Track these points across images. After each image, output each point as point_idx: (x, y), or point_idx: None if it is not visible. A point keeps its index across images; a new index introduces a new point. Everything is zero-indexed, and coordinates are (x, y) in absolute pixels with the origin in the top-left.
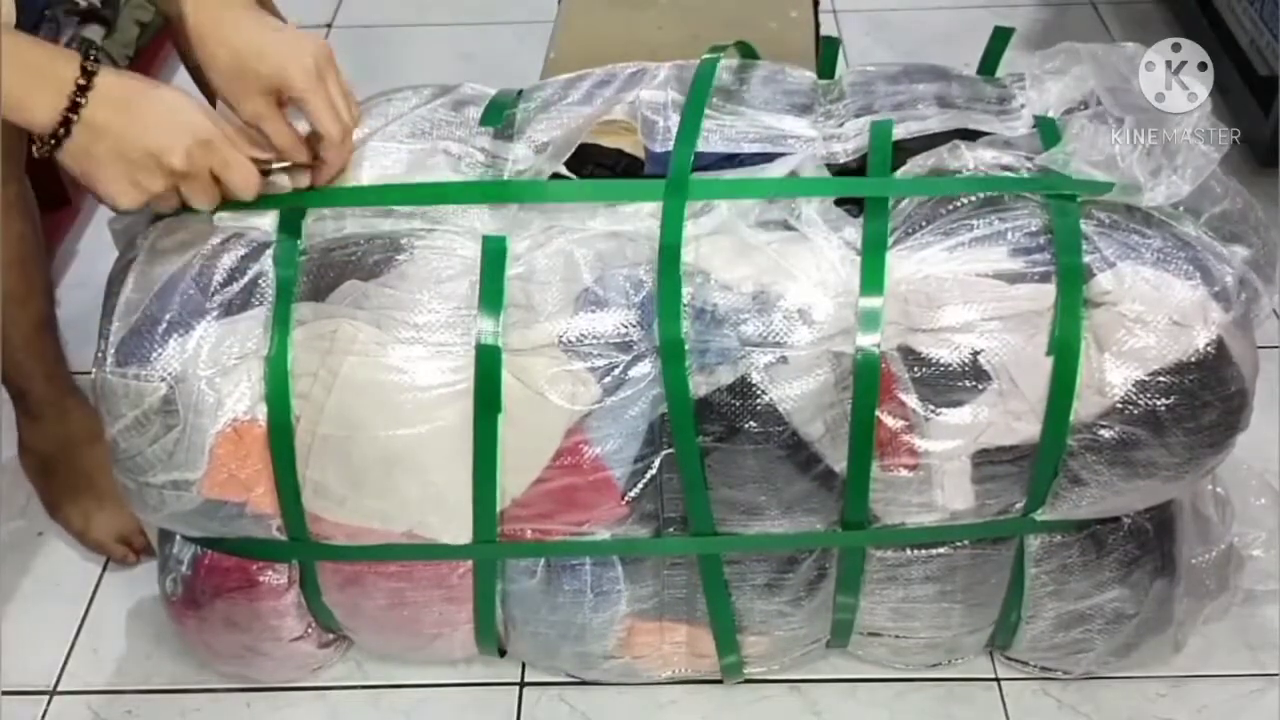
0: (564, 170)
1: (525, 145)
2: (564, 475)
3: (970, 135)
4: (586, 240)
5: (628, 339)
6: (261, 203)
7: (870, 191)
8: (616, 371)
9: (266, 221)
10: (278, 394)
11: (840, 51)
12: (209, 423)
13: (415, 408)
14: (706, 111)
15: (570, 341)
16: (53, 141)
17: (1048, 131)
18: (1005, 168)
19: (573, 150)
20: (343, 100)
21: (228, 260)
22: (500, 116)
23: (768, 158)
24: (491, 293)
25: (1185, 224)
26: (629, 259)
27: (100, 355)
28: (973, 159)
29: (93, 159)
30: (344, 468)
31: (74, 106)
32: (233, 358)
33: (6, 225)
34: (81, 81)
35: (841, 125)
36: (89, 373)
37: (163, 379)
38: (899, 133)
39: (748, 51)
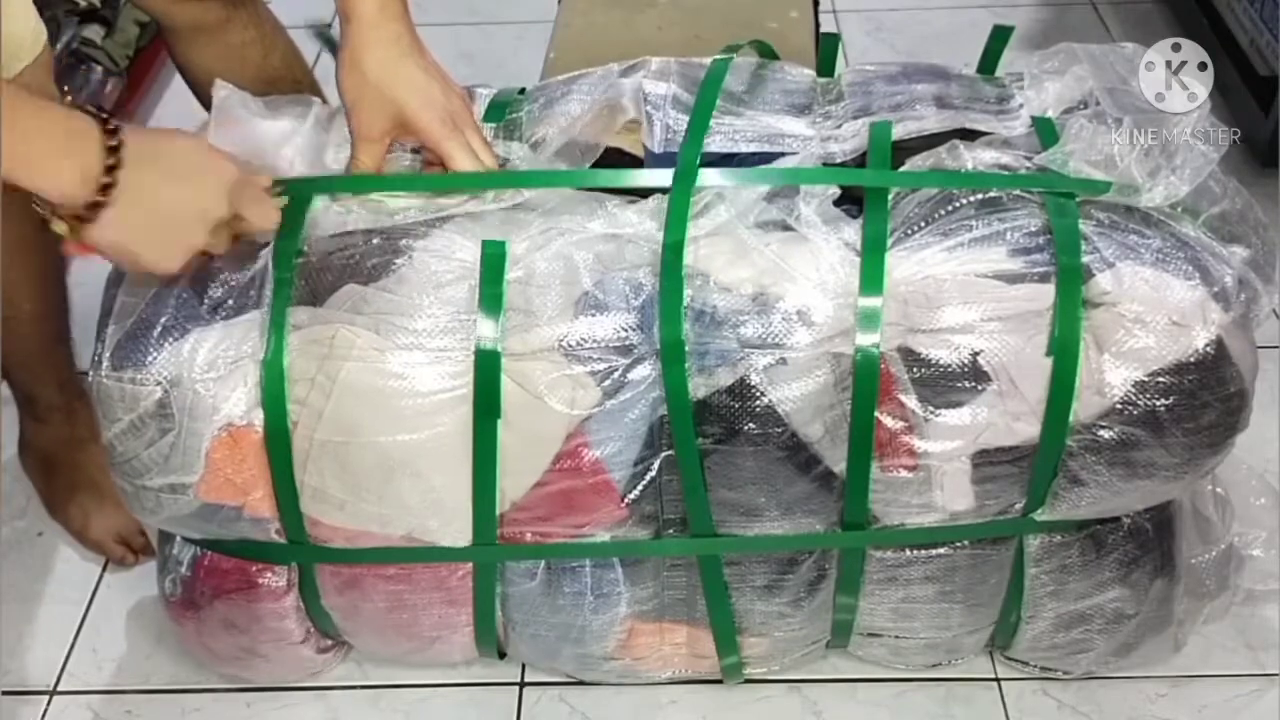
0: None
1: (527, 144)
2: (564, 478)
3: (969, 135)
4: (585, 243)
5: (627, 342)
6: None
7: (872, 182)
8: (616, 375)
9: None
10: (274, 399)
11: (840, 50)
12: (204, 427)
13: (415, 413)
14: None
15: (570, 346)
16: (87, 212)
17: (1045, 132)
18: (1004, 167)
19: (596, 155)
20: (484, 150)
21: (223, 262)
22: (502, 114)
23: (766, 158)
24: (491, 297)
25: (1184, 224)
26: (628, 262)
27: (96, 358)
28: (971, 159)
29: (132, 227)
30: (343, 473)
31: (110, 170)
32: (228, 362)
33: (36, 253)
34: (111, 143)
35: (839, 126)
36: (88, 373)
37: (157, 383)
38: (897, 133)
39: (766, 51)
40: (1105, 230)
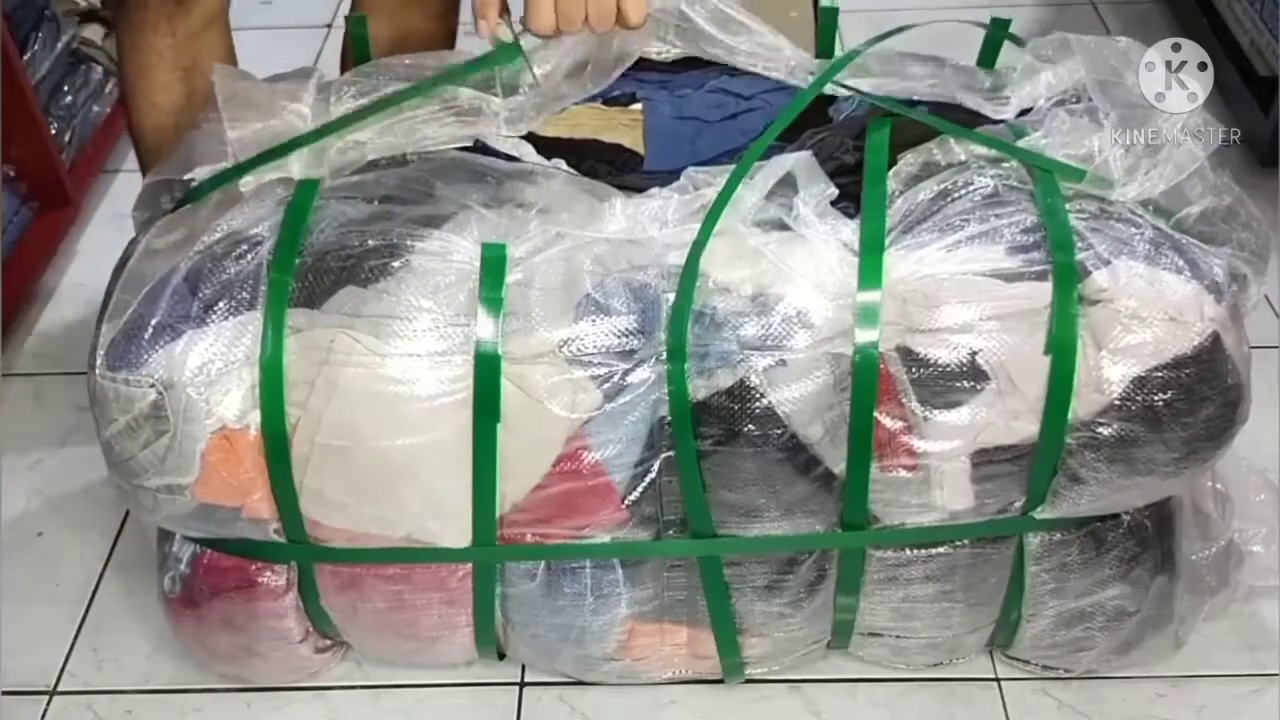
0: (564, 166)
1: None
2: (564, 481)
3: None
4: (586, 245)
5: (628, 346)
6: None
7: (875, 100)
8: (616, 378)
9: (266, 213)
10: (272, 402)
11: (838, 38)
12: (199, 429)
13: (416, 417)
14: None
15: (571, 349)
16: None
17: (1019, 134)
18: (994, 160)
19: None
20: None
21: (220, 262)
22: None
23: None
24: (491, 301)
25: (1157, 222)
26: (628, 263)
27: (90, 357)
28: (963, 152)
29: None
30: (343, 477)
31: None
32: (223, 364)
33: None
34: None
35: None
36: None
37: (151, 385)
38: (887, 90)
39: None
40: (1098, 227)
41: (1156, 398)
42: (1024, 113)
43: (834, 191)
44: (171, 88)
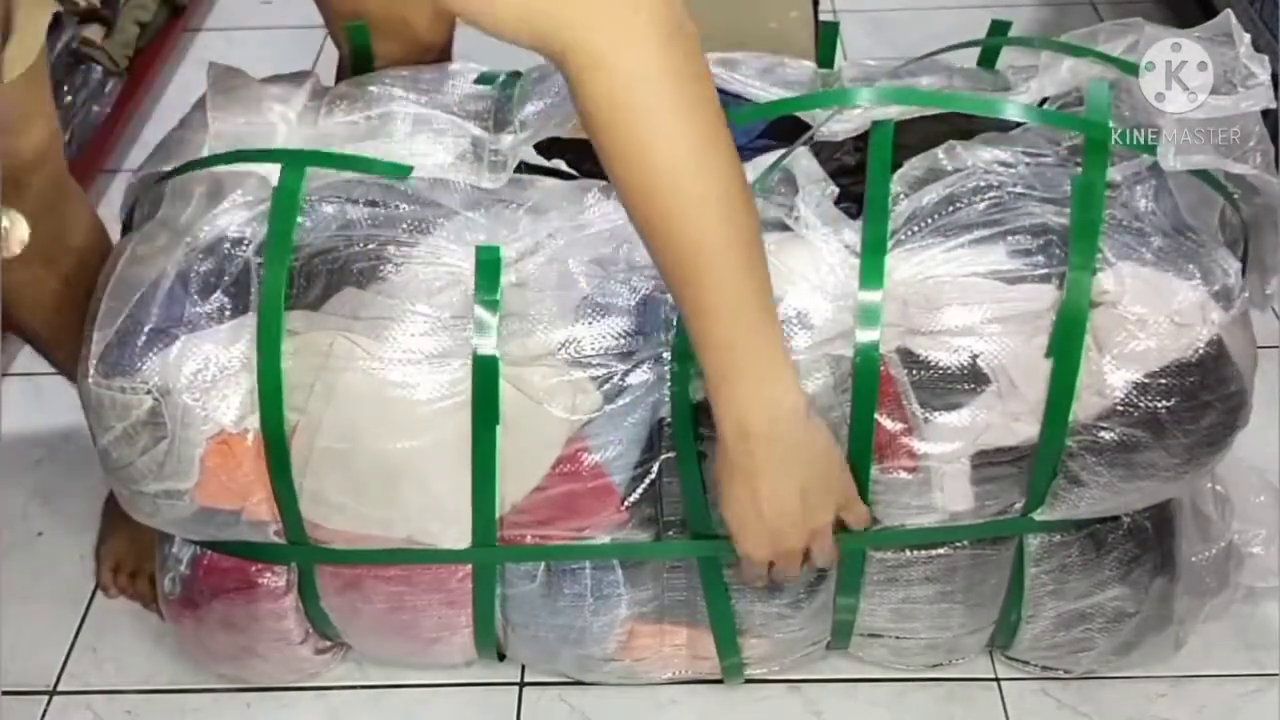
0: (563, 165)
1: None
2: (564, 482)
3: (966, 135)
4: (582, 245)
5: (628, 346)
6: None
7: (900, 101)
8: (616, 379)
9: (254, 213)
10: (271, 405)
11: (839, 44)
12: (196, 435)
13: (416, 420)
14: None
15: (570, 351)
16: None
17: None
18: (1004, 164)
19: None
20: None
21: (211, 265)
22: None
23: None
24: (487, 304)
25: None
26: (628, 264)
27: (84, 365)
28: (970, 158)
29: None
30: (344, 479)
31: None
32: (218, 370)
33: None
34: None
35: (841, 110)
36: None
37: (148, 392)
38: (894, 113)
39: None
40: (1106, 230)
41: (1158, 403)
42: None
43: (835, 190)
44: (39, 280)
